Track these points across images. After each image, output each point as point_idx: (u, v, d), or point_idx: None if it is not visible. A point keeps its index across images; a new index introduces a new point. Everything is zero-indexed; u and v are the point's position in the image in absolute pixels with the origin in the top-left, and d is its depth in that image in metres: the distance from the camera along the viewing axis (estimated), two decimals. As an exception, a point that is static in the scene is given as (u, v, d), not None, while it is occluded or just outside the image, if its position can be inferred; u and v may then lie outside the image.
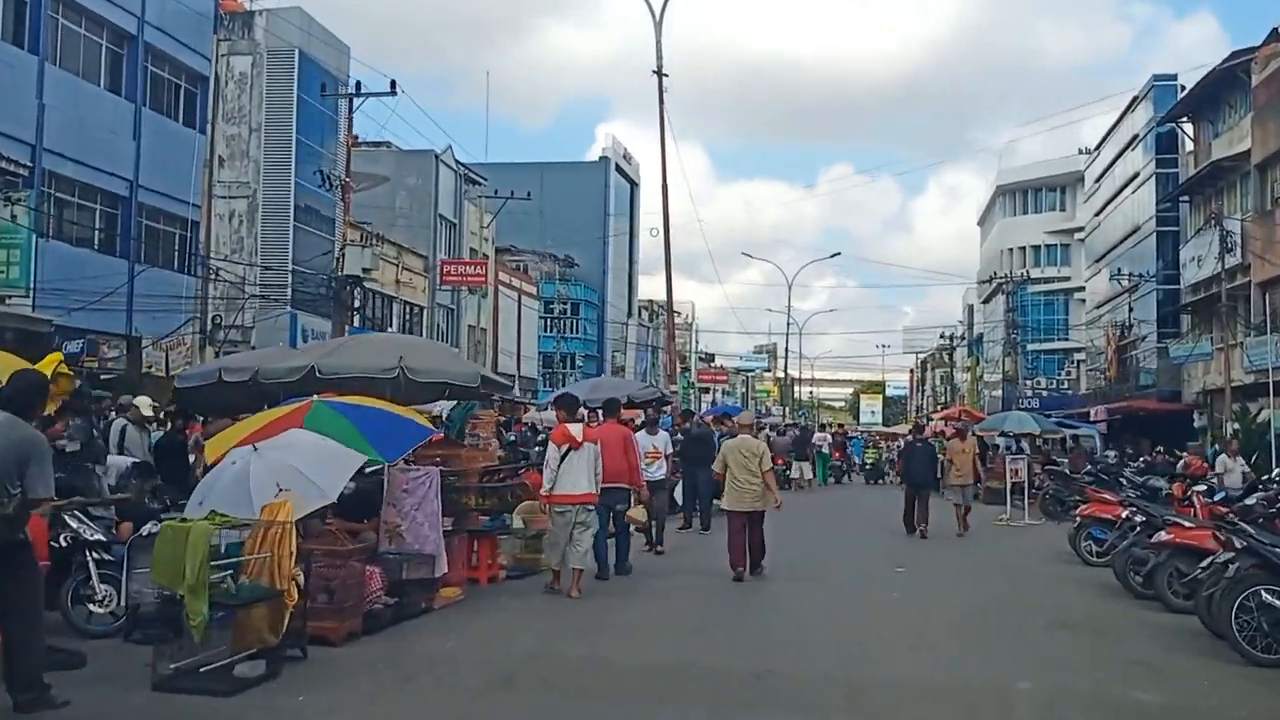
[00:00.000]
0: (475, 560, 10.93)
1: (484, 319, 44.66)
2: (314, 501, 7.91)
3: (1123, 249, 45.18)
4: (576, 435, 11.18)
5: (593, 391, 18.66)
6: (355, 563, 8.23)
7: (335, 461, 8.21)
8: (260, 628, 7.13)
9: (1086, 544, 14.65)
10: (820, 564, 14.22)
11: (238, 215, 30.08)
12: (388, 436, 8.95)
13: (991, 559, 15.34)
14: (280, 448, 8.29)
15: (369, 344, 11.36)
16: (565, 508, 10.87)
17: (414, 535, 9.32)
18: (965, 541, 17.20)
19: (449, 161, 41.30)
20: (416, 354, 9.89)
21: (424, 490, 9.32)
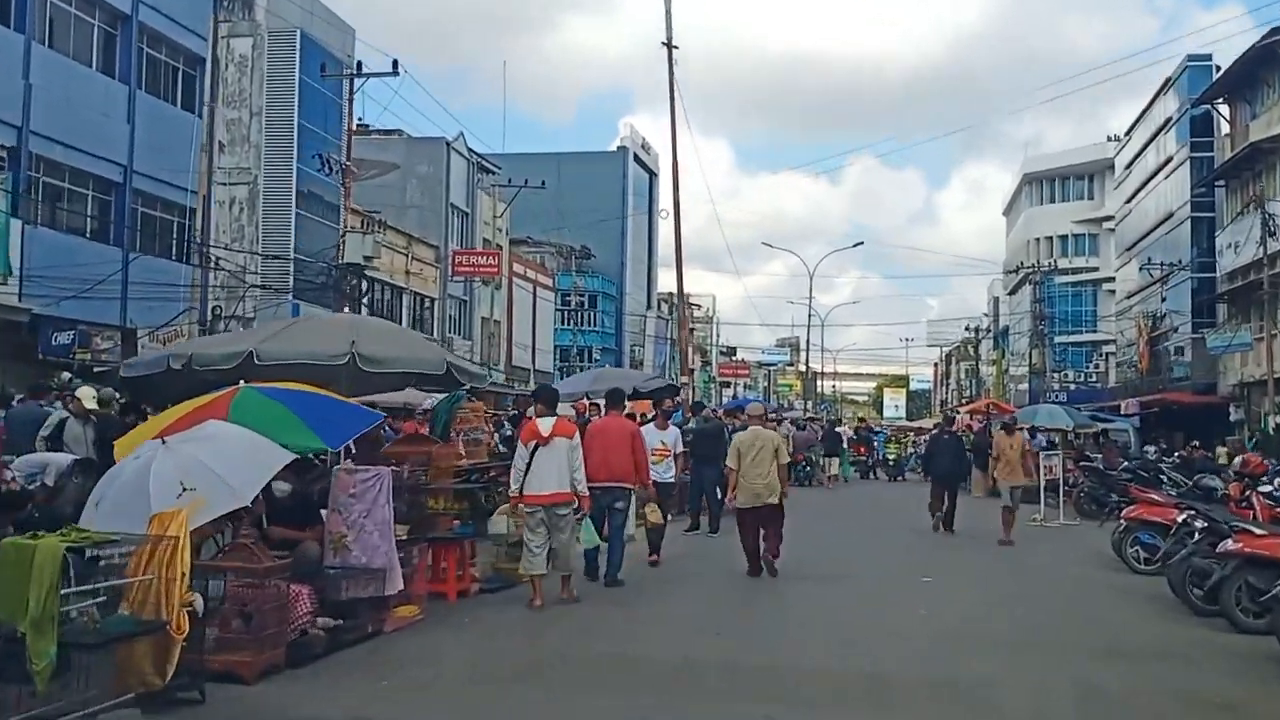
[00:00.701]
0: (444, 572, 9.53)
1: (498, 311, 43.33)
2: (223, 504, 6.56)
3: (1155, 237, 43.31)
4: (544, 431, 9.91)
5: (595, 383, 17.29)
6: (277, 581, 6.83)
7: (255, 457, 6.85)
8: (142, 667, 5.75)
9: (1133, 549, 13.11)
10: (839, 572, 12.75)
11: (238, 202, 28.83)
12: (329, 421, 7.59)
13: (1029, 566, 13.78)
14: (193, 441, 6.93)
15: (318, 326, 9.99)
16: (534, 508, 9.76)
17: (362, 546, 7.93)
18: (998, 545, 15.65)
19: (461, 149, 39.96)
20: (371, 338, 8.49)
21: (374, 494, 7.92)
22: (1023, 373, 61.99)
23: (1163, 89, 42.50)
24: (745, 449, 11.75)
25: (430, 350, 8.92)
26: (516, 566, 10.26)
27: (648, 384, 17.34)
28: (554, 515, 9.82)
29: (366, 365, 8.32)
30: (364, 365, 8.31)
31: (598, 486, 10.42)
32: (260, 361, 8.37)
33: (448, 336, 38.70)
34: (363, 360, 8.28)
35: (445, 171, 38.98)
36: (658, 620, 9.28)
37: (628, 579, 10.92)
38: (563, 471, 9.84)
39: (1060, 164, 65.12)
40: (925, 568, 13.10)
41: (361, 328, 8.77)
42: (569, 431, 10.16)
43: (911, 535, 17.18)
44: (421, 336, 10.26)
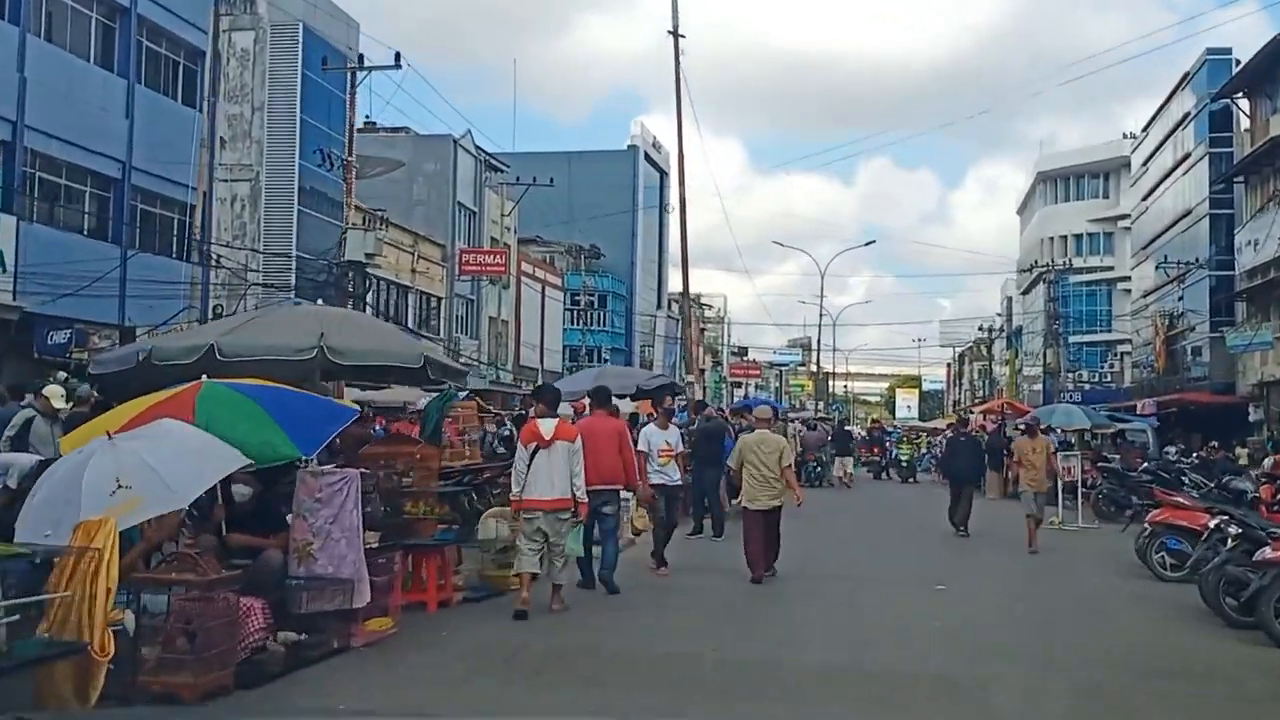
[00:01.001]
0: (424, 581, 8.87)
1: (505, 310, 42.71)
2: (159, 504, 5.94)
3: (1172, 234, 42.40)
4: (545, 432, 9.40)
5: (597, 382, 16.61)
6: (226, 594, 6.17)
7: (202, 458, 6.21)
8: (62, 691, 5.11)
9: (1159, 555, 12.37)
10: (848, 579, 12.05)
11: (240, 199, 28.29)
12: (303, 420, 6.94)
13: (1048, 573, 13.04)
14: (140, 438, 6.31)
15: (284, 318, 9.29)
16: (534, 514, 9.23)
17: (328, 555, 7.27)
18: (1015, 550, 14.91)
19: (468, 147, 39.35)
20: (342, 329, 7.82)
21: (341, 499, 7.26)
22: (1036, 373, 61.05)
23: (1180, 84, 41.60)
24: (750, 452, 11.59)
25: (405, 344, 8.26)
26: (504, 574, 9.63)
27: (651, 382, 16.64)
28: (553, 521, 9.34)
29: (336, 358, 7.66)
30: (333, 358, 7.65)
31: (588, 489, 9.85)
32: (223, 356, 7.72)
33: (454, 336, 38.11)
34: (332, 353, 7.62)
35: (452, 169, 38.38)
36: (650, 633, 8.63)
37: (625, 585, 10.28)
38: (564, 476, 9.37)
39: (1075, 162, 64.17)
40: (939, 574, 12.37)
41: (330, 319, 8.10)
42: (571, 434, 9.65)
43: (925, 538, 16.49)
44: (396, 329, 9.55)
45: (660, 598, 9.99)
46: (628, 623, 8.93)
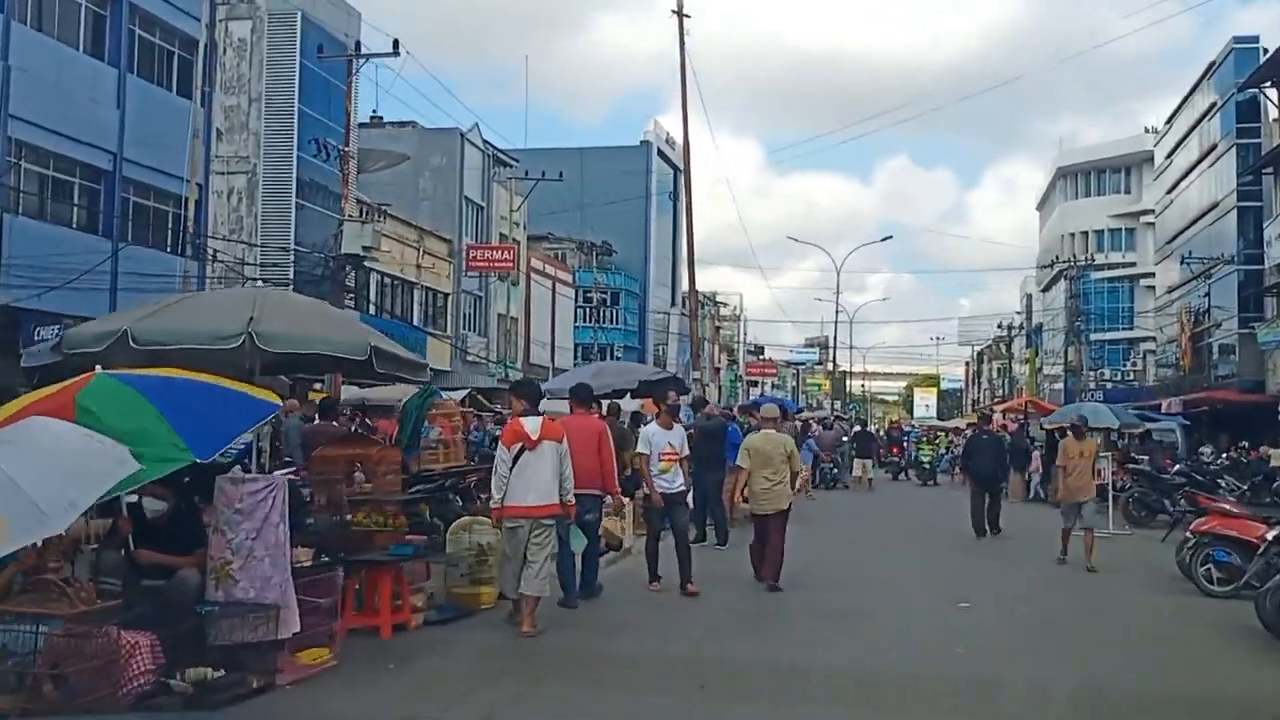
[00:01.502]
0: (379, 601, 7.76)
1: (514, 308, 41.66)
2: (28, 531, 4.83)
3: (1198, 229, 40.92)
4: (531, 432, 8.45)
5: (595, 378, 15.48)
6: (107, 628, 5.08)
7: (81, 467, 5.10)
8: None
9: (1205, 568, 11.16)
10: (863, 595, 10.87)
11: (236, 192, 27.32)
12: (203, 419, 5.84)
13: (1082, 587, 11.80)
14: (6, 443, 5.21)
15: (214, 301, 8.20)
16: (517, 522, 8.30)
17: (250, 577, 6.18)
18: (1044, 560, 13.69)
19: (475, 141, 38.29)
20: (275, 314, 6.70)
21: (265, 510, 6.17)
22: (1057, 371, 59.56)
23: (1206, 73, 40.14)
24: (756, 452, 10.96)
25: (351, 331, 7.14)
26: (474, 591, 8.55)
27: (651, 378, 15.50)
28: (538, 529, 8.41)
29: (265, 345, 6.56)
30: (263, 345, 6.55)
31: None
32: (137, 344, 6.63)
33: (462, 333, 37.10)
34: (261, 339, 6.52)
35: (459, 163, 37.33)
36: (633, 664, 7.47)
37: (612, 602, 9.23)
38: (552, 479, 8.48)
39: (1096, 157, 62.54)
40: (962, 588, 11.17)
41: (266, 302, 7.01)
42: (558, 434, 8.70)
43: (947, 547, 15.30)
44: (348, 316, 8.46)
45: (644, 626, 8.84)
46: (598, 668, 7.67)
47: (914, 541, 16.19)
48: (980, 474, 16.94)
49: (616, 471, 10.02)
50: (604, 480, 9.67)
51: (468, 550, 8.93)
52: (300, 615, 6.52)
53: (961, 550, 14.97)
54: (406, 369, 7.73)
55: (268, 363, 6.98)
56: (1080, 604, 10.68)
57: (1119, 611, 10.41)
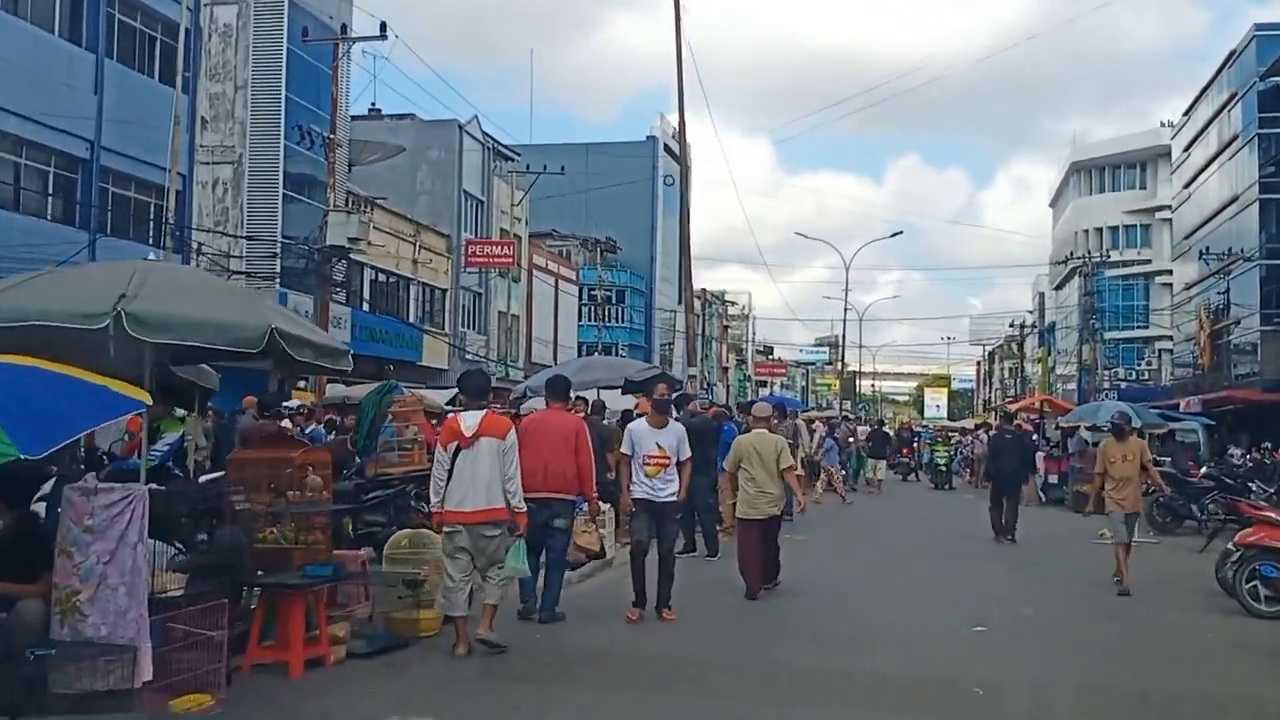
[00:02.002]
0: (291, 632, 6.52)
1: (516, 305, 40.47)
2: None
3: (1218, 222, 39.44)
4: (466, 428, 7.48)
5: (582, 373, 14.30)
6: None
7: None
8: None
9: (1250, 585, 9.87)
10: (868, 615, 9.63)
11: (222, 182, 26.20)
12: (42, 413, 4.65)
13: (1112, 606, 10.48)
14: None
15: (88, 275, 6.93)
16: (455, 529, 7.43)
17: (101, 610, 4.97)
18: (1068, 574, 12.40)
19: (475, 133, 37.10)
20: (155, 290, 5.47)
21: (121, 527, 4.96)
22: (1070, 371, 58.07)
23: (1226, 62, 38.68)
24: (746, 453, 10.23)
25: (246, 312, 5.86)
26: (413, 614, 7.34)
27: (642, 374, 14.25)
28: (479, 538, 7.41)
29: (136, 329, 5.34)
30: (132, 329, 5.33)
31: (532, 499, 7.83)
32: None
33: (460, 331, 35.93)
34: (131, 322, 5.30)
35: (458, 157, 36.15)
36: (600, 707, 6.25)
37: (586, 624, 8.04)
38: (492, 481, 7.45)
39: (1110, 152, 60.97)
40: (979, 610, 9.89)
41: (150, 276, 5.76)
42: (500, 429, 7.60)
43: (962, 559, 14.00)
44: (249, 293, 7.24)
45: (619, 653, 7.64)
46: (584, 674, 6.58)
47: (929, 552, 14.87)
48: (1002, 476, 16.10)
49: (595, 474, 8.84)
50: (581, 483, 8.58)
51: (408, 565, 7.71)
52: (181, 651, 5.35)
53: (978, 564, 13.67)
54: (325, 357, 6.48)
55: (136, 349, 5.72)
56: (1110, 628, 9.35)
57: (1156, 634, 9.11)
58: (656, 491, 8.88)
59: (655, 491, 8.88)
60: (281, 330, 5.78)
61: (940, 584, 11.74)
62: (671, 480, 8.95)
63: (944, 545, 15.55)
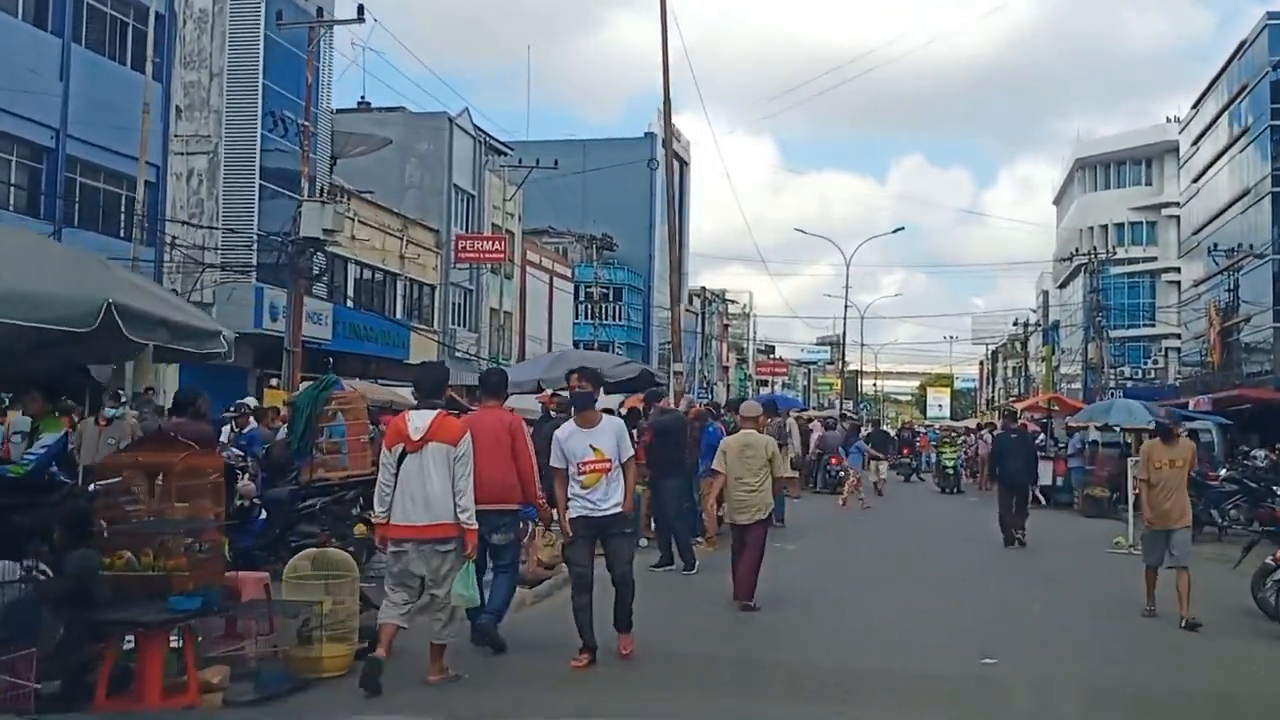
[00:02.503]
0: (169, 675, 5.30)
1: (508, 302, 39.27)
2: None
3: (1228, 217, 38.14)
4: (414, 430, 6.49)
5: (553, 368, 13.09)
6: None
7: None
8: None
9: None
10: (862, 642, 8.42)
11: (197, 173, 25.00)
12: None
13: (1139, 629, 9.21)
14: None
15: None
16: (402, 545, 6.51)
17: None
18: (1087, 590, 11.15)
19: (465, 126, 35.91)
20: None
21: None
22: (1074, 371, 56.74)
23: (1237, 53, 37.38)
24: (733, 454, 9.56)
25: (79, 283, 4.63)
26: (313, 653, 6.13)
27: (620, 372, 13.00)
28: (431, 556, 6.51)
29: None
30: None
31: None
32: None
33: (450, 328, 34.75)
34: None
35: (448, 150, 34.97)
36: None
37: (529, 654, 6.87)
38: (442, 492, 6.49)
39: (1115, 148, 59.57)
40: (988, 634, 8.65)
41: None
42: (453, 433, 6.60)
43: (968, 571, 12.76)
44: (91, 259, 5.89)
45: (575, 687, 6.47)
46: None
47: (933, 562, 13.62)
48: (1010, 477, 15.38)
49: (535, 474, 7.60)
50: (523, 490, 7.44)
51: (311, 592, 6.51)
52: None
53: (986, 574, 12.43)
54: (186, 339, 5.27)
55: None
56: (1141, 652, 8.11)
57: (1193, 662, 7.87)
58: (597, 505, 7.20)
59: (596, 505, 7.20)
60: (121, 305, 4.56)
61: (946, 602, 10.48)
62: (615, 488, 7.27)
63: (951, 551, 14.33)
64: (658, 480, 10.99)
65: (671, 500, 10.88)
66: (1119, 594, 10.55)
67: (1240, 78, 37.12)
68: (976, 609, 10.09)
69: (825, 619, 9.22)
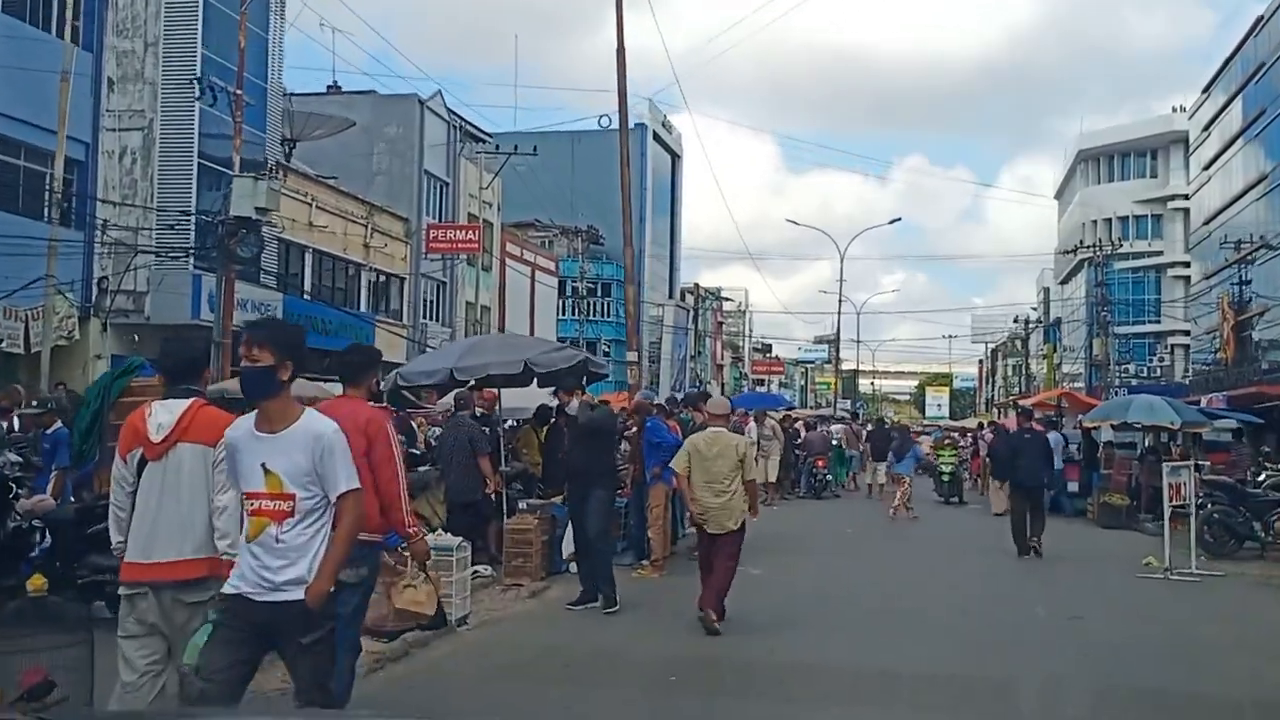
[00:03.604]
0: None
1: (486, 295, 36.90)
2: None
3: (1241, 205, 35.67)
4: (155, 430, 4.53)
5: (466, 357, 10.67)
6: None
7: None
8: None
9: None
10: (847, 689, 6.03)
11: (130, 151, 22.64)
12: None
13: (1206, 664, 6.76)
14: None
15: None
16: (135, 588, 4.44)
17: None
18: (1124, 629, 8.71)
19: (438, 109, 33.52)
20: None
21: None
22: (1077, 370, 54.21)
23: (1253, 30, 34.88)
24: (698, 456, 8.31)
25: None
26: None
27: (549, 358, 10.51)
28: (174, 608, 4.41)
29: None
30: None
31: None
32: None
33: (421, 322, 32.36)
34: None
35: (418, 134, 32.59)
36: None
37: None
38: (192, 516, 4.46)
39: (1119, 139, 56.89)
40: (1003, 667, 6.20)
41: None
42: (208, 430, 4.48)
43: (976, 596, 10.33)
44: None
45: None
46: None
47: (938, 585, 11.17)
48: (1024, 480, 13.60)
49: (402, 492, 5.23)
50: (386, 512, 5.19)
51: None
52: None
53: (996, 603, 9.99)
54: None
55: None
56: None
57: None
58: (262, 579, 3.94)
59: (260, 579, 3.94)
60: None
61: (953, 631, 8.05)
62: (307, 547, 3.98)
63: (957, 572, 11.90)
64: (582, 492, 8.59)
65: (596, 517, 8.48)
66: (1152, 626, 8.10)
67: (1256, 58, 34.63)
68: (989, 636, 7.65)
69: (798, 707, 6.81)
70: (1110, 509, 17.09)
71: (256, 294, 23.62)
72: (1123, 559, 12.96)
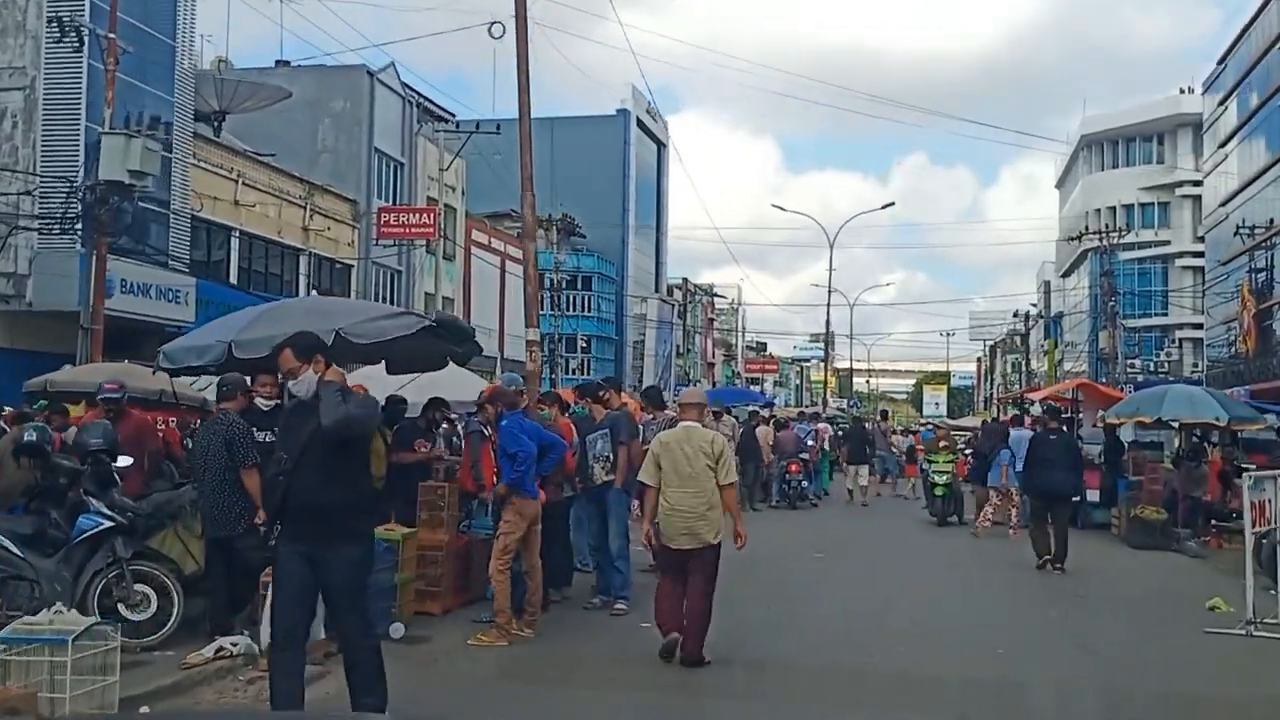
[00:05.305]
0: None
1: (448, 286, 33.64)
2: None
3: (1260, 185, 32.26)
4: None
5: (252, 327, 7.35)
6: None
7: None
8: None
9: None
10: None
11: (10, 114, 19.38)
12: None
13: None
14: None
15: None
16: None
17: None
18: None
19: (390, 83, 30.25)
20: None
21: None
22: (1080, 367, 50.73)
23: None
24: (670, 456, 6.84)
25: None
26: None
27: (375, 325, 7.17)
28: None
29: None
30: None
31: None
32: None
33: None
34: None
35: (368, 109, 29.34)
36: None
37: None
38: None
39: (1124, 123, 53.23)
40: None
41: None
42: None
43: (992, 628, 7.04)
44: None
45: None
46: None
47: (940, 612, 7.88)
48: (1049, 487, 11.59)
49: None
50: None
51: None
52: None
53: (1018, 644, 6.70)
54: None
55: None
56: None
57: None
58: None
59: None
60: None
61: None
62: None
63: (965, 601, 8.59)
64: (314, 548, 5.15)
65: (345, 593, 5.11)
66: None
67: (1277, 28, 31.22)
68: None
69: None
70: (1143, 525, 13.73)
71: (165, 279, 20.38)
72: (1175, 597, 9.68)
